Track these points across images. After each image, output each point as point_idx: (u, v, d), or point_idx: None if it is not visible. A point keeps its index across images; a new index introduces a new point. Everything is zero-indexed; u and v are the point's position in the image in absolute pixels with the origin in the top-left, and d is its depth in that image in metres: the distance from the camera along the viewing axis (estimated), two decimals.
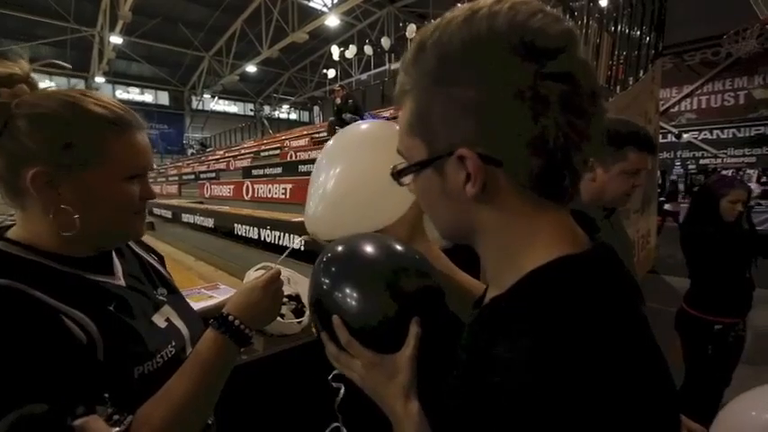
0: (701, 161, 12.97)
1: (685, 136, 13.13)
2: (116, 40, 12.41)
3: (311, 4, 12.50)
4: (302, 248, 1.79)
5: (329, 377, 0.69)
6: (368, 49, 13.21)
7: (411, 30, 10.60)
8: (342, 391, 0.69)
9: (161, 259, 0.86)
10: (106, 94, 0.68)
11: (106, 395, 0.55)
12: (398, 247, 0.67)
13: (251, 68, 16.15)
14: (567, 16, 3.80)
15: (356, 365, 0.58)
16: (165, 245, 3.53)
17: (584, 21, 3.98)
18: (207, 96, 20.13)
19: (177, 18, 14.39)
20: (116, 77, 17.85)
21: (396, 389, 0.55)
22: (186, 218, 3.85)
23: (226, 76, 17.00)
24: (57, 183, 0.58)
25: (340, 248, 0.69)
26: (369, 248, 0.66)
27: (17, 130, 0.56)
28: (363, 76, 15.04)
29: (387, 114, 8.19)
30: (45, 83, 0.63)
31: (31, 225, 0.61)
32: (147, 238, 3.94)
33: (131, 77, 18.78)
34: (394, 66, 13.00)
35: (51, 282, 0.57)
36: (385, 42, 12.21)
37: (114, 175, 0.61)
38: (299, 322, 1.19)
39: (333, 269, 0.65)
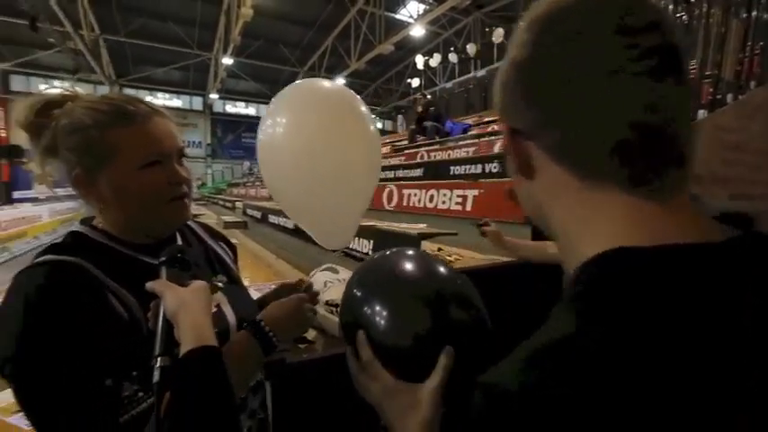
0: None
1: None
2: (227, 61, 14.08)
3: (397, 16, 12.81)
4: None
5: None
6: (453, 57, 13.08)
7: (498, 34, 10.24)
8: None
9: (233, 249, 0.89)
10: (127, 94, 0.72)
11: (135, 373, 0.57)
12: (442, 269, 0.62)
13: (340, 81, 17.08)
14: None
15: (374, 388, 0.53)
16: (254, 243, 3.84)
17: (705, 7, 3.42)
18: None
19: (277, 39, 15.86)
20: (227, 94, 20.36)
21: (414, 424, 0.48)
22: (272, 219, 4.14)
23: None
24: (92, 181, 0.65)
25: (379, 261, 0.66)
26: (409, 265, 0.61)
27: (61, 143, 0.65)
28: (448, 85, 14.91)
29: (470, 122, 7.98)
30: (173, 101, 0.70)
31: (100, 216, 0.69)
32: (238, 234, 4.33)
33: (238, 93, 21.19)
34: (480, 73, 12.66)
35: (112, 262, 0.63)
36: (470, 49, 11.97)
37: (130, 166, 0.64)
38: None
39: (367, 281, 0.62)
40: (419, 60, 13.63)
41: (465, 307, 0.58)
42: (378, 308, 0.56)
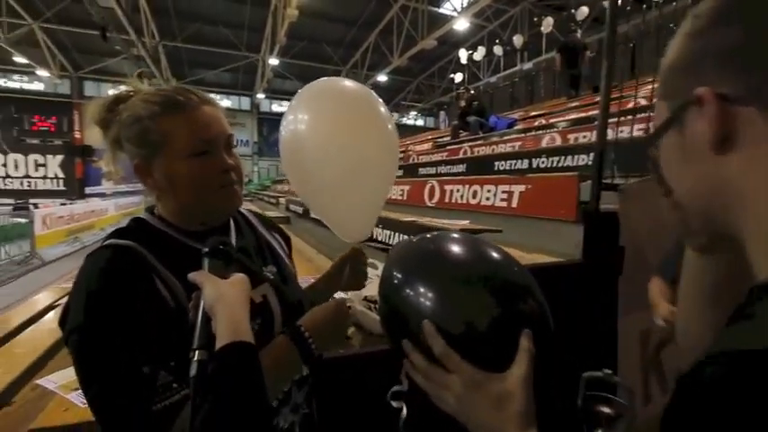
0: None
1: None
2: (273, 61, 14.57)
3: (441, 10, 12.58)
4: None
5: (388, 395, 0.60)
6: (498, 50, 12.66)
7: (548, 23, 9.76)
8: (404, 412, 0.61)
9: (287, 241, 0.90)
10: (180, 86, 0.74)
11: (172, 363, 0.58)
12: (497, 253, 0.58)
13: (382, 78, 17.09)
14: None
15: (454, 383, 0.48)
16: (295, 238, 3.92)
17: None
18: None
19: (321, 38, 16.15)
20: (273, 93, 21.08)
21: (508, 418, 0.44)
22: (313, 214, 4.21)
23: None
24: (149, 170, 0.68)
25: (422, 244, 0.60)
26: (461, 247, 0.57)
27: (123, 135, 0.70)
28: (492, 79, 14.47)
29: (515, 116, 7.69)
30: (223, 101, 0.73)
31: (159, 203, 0.73)
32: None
33: (284, 92, 21.85)
34: (526, 65, 12.16)
35: (167, 248, 0.66)
36: (517, 40, 11.51)
37: (179, 154, 0.66)
38: None
39: (413, 265, 0.56)
40: (462, 54, 13.31)
41: (530, 290, 0.54)
42: (437, 293, 0.52)
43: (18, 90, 18.13)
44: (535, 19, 11.97)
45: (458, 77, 15.08)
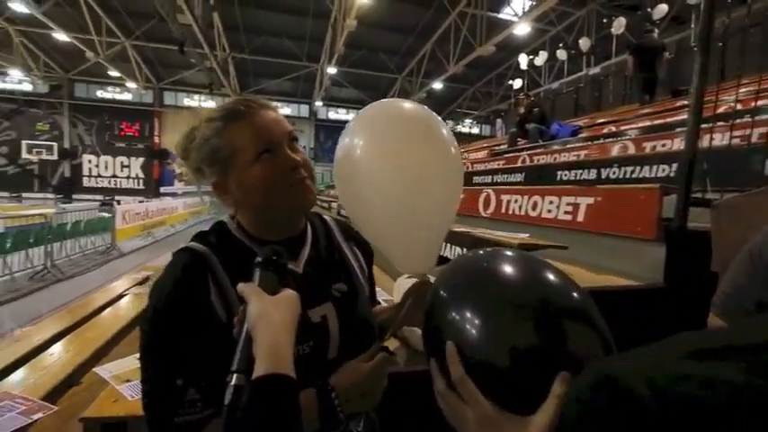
0: None
1: None
2: (332, 70, 15.05)
3: (501, 15, 12.24)
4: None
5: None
6: (561, 54, 12.03)
7: (619, 24, 9.11)
8: None
9: (368, 255, 0.85)
10: (240, 96, 0.78)
11: (203, 384, 0.57)
12: (554, 275, 0.49)
13: (437, 86, 16.99)
14: None
15: (466, 414, 0.43)
16: None
17: None
18: None
19: (377, 47, 16.43)
20: (330, 101, 21.82)
21: None
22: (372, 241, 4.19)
23: (415, 95, 18.42)
24: (226, 185, 0.70)
25: (473, 260, 0.56)
26: (512, 267, 0.50)
27: (199, 160, 0.71)
28: (554, 85, 13.79)
29: (581, 123, 7.21)
30: (284, 109, 0.73)
31: (239, 217, 0.73)
32: None
33: (341, 100, 22.54)
34: (593, 70, 11.42)
35: (238, 258, 0.65)
36: (584, 44, 10.85)
37: (247, 161, 0.67)
38: None
39: (458, 282, 0.52)
40: (523, 60, 12.83)
41: (585, 324, 0.45)
42: (472, 314, 0.47)
43: (111, 100, 20.76)
44: (605, 20, 11.22)
45: (516, 84, 14.56)
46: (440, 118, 0.82)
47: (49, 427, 1.86)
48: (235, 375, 0.48)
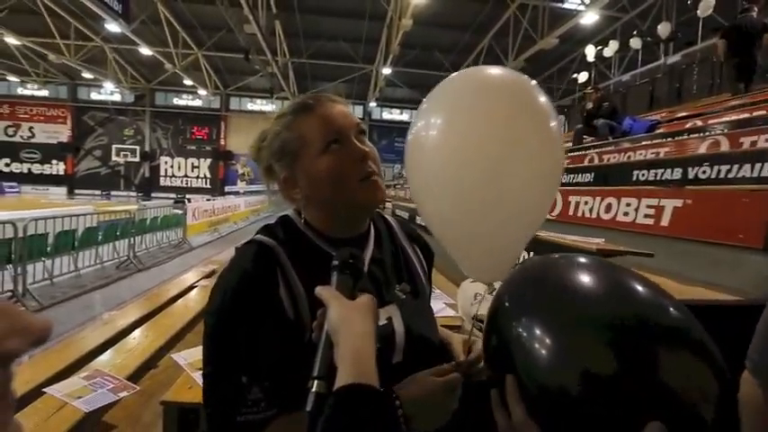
0: None
1: None
2: (386, 71, 15.14)
3: (564, 5, 11.52)
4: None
5: None
6: (635, 43, 11.03)
7: (706, 6, 8.15)
8: None
9: (429, 257, 0.81)
10: (308, 93, 0.76)
11: (267, 383, 0.56)
12: (648, 289, 0.40)
13: None
14: None
15: None
16: None
17: None
18: None
19: (432, 45, 16.24)
20: (384, 101, 22.04)
21: None
22: (419, 221, 4.14)
23: None
24: (294, 179, 0.69)
25: (547, 266, 0.48)
26: (596, 276, 0.41)
27: (270, 157, 0.71)
28: (625, 77, 12.72)
29: (658, 117, 6.56)
30: (352, 108, 0.74)
31: (305, 213, 0.71)
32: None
33: (394, 100, 22.66)
34: (672, 59, 10.35)
35: (305, 253, 0.65)
36: (663, 29, 9.84)
37: (315, 152, 0.66)
38: None
39: (528, 292, 0.45)
40: (590, 51, 11.97)
41: (691, 352, 0.35)
42: (543, 334, 0.38)
43: (184, 106, 22.98)
44: (689, 2, 10.09)
45: (582, 77, 13.64)
46: (534, 84, 0.65)
47: (131, 404, 2.04)
48: (316, 382, 0.47)
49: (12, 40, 14.61)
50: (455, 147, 0.61)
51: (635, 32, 11.38)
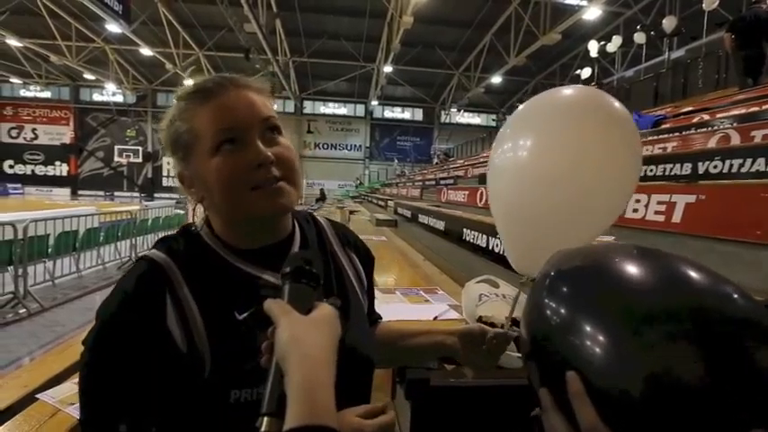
0: None
1: None
2: (387, 69, 15.07)
3: (567, 0, 11.41)
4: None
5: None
6: (639, 38, 10.89)
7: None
8: None
9: (367, 263, 0.72)
10: (220, 73, 0.60)
11: (153, 430, 0.49)
12: (712, 277, 0.37)
13: (496, 79, 16.33)
14: None
15: None
16: (401, 241, 3.85)
17: None
18: (453, 110, 21.87)
19: (434, 43, 16.16)
20: (385, 100, 21.99)
21: None
22: (422, 219, 4.09)
23: (472, 90, 17.89)
24: (190, 179, 0.58)
25: (594, 254, 0.44)
26: (652, 263, 0.39)
27: (164, 144, 0.60)
28: (629, 73, 12.61)
29: (662, 113, 6.47)
30: (340, 109, 0.65)
31: (210, 218, 0.61)
32: (387, 232, 4.46)
33: (396, 99, 22.60)
34: (677, 53, 10.23)
35: (207, 269, 0.56)
36: (668, 23, 9.69)
37: (206, 151, 0.54)
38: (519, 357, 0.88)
39: (576, 289, 0.40)
40: (593, 47, 11.84)
41: None
42: (602, 328, 0.35)
43: None
44: None
45: (585, 73, 13.49)
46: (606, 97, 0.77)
47: None
48: (265, 419, 0.39)
49: (13, 42, 14.66)
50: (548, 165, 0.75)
51: (639, 27, 11.25)
